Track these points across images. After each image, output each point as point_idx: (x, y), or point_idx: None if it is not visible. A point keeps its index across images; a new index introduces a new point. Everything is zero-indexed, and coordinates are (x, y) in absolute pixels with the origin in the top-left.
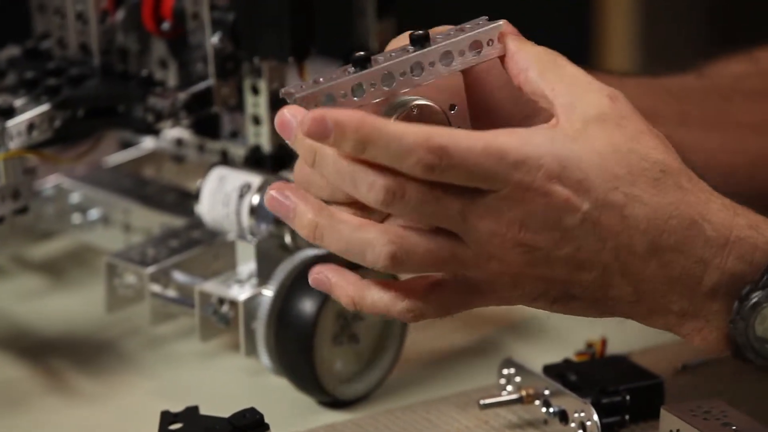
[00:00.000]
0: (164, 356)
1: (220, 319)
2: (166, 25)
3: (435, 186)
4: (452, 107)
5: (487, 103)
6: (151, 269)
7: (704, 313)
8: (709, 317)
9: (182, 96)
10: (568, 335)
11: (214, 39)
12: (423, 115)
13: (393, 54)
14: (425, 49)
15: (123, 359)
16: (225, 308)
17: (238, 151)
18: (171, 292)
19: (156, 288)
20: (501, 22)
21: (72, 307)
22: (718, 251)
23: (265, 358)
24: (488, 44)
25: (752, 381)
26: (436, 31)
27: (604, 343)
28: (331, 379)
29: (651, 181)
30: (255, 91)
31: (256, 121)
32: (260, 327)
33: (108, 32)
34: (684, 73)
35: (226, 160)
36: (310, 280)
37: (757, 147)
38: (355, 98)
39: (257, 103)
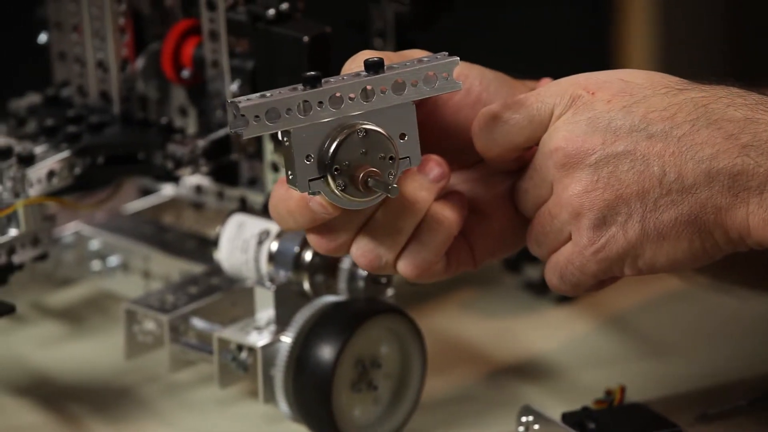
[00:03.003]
0: (183, 403)
1: (239, 366)
2: (185, 73)
3: None
4: (402, 136)
5: (449, 126)
6: (170, 316)
7: None
8: None
9: (201, 143)
10: (587, 383)
11: (234, 86)
12: (369, 139)
13: (345, 77)
14: (377, 76)
15: (142, 406)
16: (244, 355)
17: (257, 198)
18: (190, 339)
19: (175, 334)
20: (456, 57)
21: (91, 353)
22: None
23: (283, 405)
24: (443, 78)
25: None
26: (395, 59)
27: (622, 390)
28: (350, 426)
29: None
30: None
31: (275, 168)
32: (279, 374)
33: (128, 80)
34: None
35: (244, 207)
36: None
37: None
38: (302, 116)
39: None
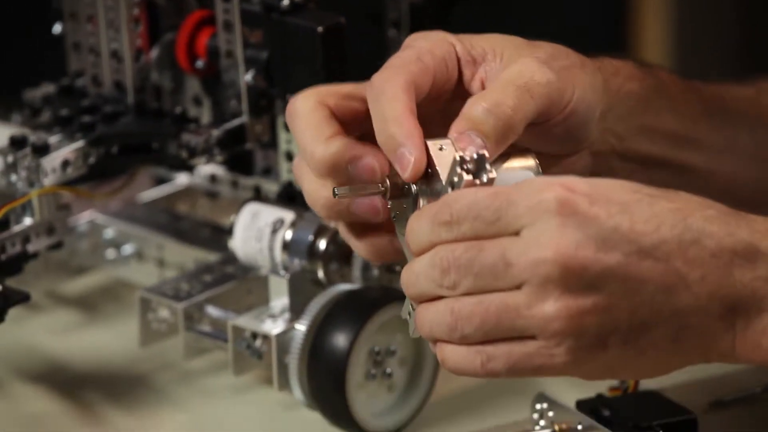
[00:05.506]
0: (197, 390)
1: (253, 354)
2: (200, 63)
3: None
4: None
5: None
6: (184, 304)
7: None
8: None
9: (216, 133)
10: None
11: (248, 76)
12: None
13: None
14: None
15: (156, 393)
16: (258, 343)
17: (272, 187)
18: (204, 327)
19: (189, 322)
20: None
21: (106, 341)
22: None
23: (298, 392)
24: None
25: None
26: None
27: None
28: (364, 413)
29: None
30: (288, 128)
31: (289, 157)
32: (293, 361)
33: (142, 70)
34: (739, 81)
35: (259, 196)
36: None
37: None
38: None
39: (290, 140)
